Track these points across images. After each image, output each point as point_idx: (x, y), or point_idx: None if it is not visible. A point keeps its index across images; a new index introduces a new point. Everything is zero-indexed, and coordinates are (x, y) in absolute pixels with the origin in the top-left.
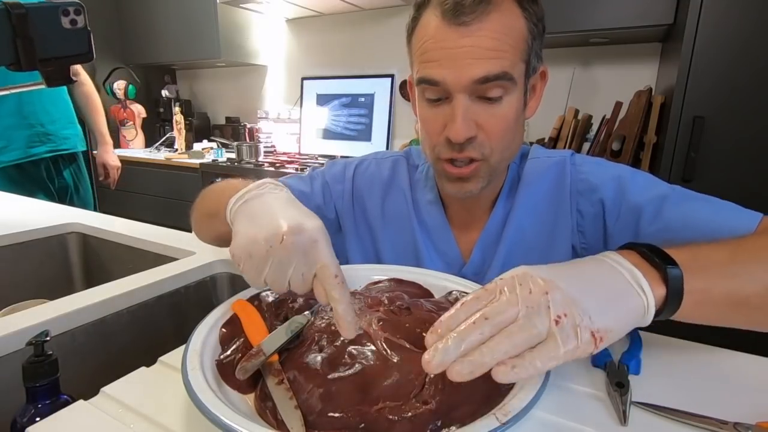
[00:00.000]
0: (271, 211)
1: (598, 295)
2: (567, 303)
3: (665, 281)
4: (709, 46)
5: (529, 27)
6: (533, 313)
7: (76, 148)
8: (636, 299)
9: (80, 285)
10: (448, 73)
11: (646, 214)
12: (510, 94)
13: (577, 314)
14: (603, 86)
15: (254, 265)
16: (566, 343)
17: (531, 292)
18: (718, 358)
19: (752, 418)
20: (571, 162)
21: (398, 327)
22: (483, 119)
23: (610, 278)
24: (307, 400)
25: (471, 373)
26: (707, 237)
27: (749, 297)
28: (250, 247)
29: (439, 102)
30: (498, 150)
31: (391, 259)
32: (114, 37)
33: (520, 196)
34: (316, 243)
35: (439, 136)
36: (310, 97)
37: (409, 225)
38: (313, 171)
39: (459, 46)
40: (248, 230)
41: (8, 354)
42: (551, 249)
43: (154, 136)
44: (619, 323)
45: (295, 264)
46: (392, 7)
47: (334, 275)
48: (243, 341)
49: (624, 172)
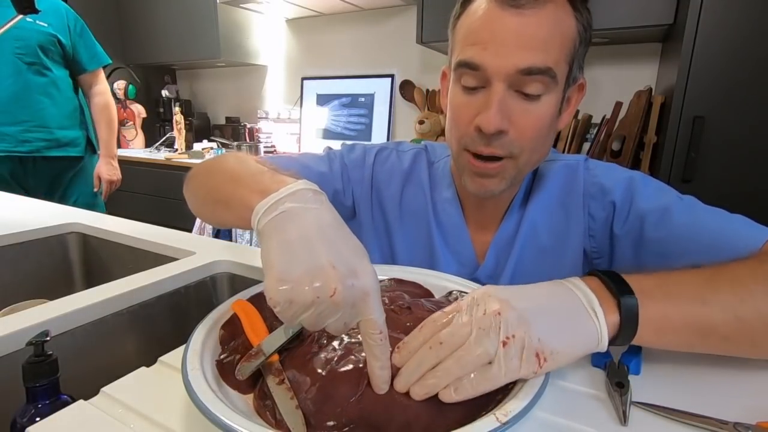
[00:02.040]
0: (317, 245)
1: (550, 316)
2: (518, 324)
3: (619, 309)
4: (709, 46)
5: (579, 29)
6: (483, 335)
7: (74, 152)
8: (589, 324)
9: (80, 285)
10: (491, 58)
11: (651, 220)
12: (549, 93)
13: (526, 336)
14: (603, 86)
15: (293, 311)
16: (509, 365)
17: (485, 313)
18: (718, 358)
19: (752, 418)
20: (584, 167)
21: (398, 325)
22: (517, 115)
23: (566, 301)
24: (307, 398)
25: (427, 394)
26: (712, 249)
27: (717, 327)
28: (291, 294)
29: (475, 90)
30: (527, 150)
31: (405, 255)
32: (114, 37)
33: (534, 199)
34: (367, 296)
35: (468, 126)
36: (310, 97)
37: (425, 222)
38: (330, 151)
39: (507, 30)
40: (288, 271)
41: (8, 354)
42: (563, 252)
43: (154, 136)
44: (569, 346)
45: (339, 315)
46: (392, 7)
47: (379, 332)
48: (243, 341)
49: (636, 177)
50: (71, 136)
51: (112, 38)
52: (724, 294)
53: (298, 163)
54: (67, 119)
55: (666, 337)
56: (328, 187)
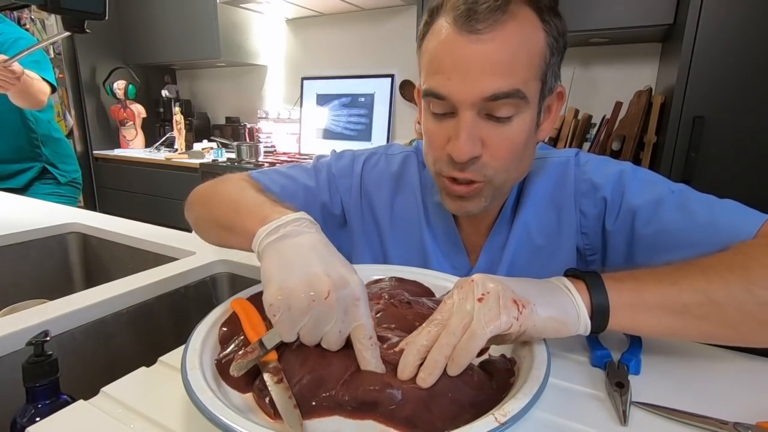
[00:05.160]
0: (311, 259)
1: (526, 284)
2: (491, 282)
3: (587, 287)
4: (709, 46)
5: (549, 41)
6: (462, 302)
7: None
8: (565, 298)
9: (80, 285)
10: (455, 88)
11: (642, 215)
12: (521, 113)
13: (500, 289)
14: (603, 86)
15: (291, 318)
16: (487, 315)
17: (462, 287)
18: (718, 358)
19: (752, 418)
20: (575, 163)
21: (399, 319)
22: (489, 138)
23: (540, 282)
24: (299, 384)
25: (431, 375)
26: (706, 239)
27: (689, 306)
28: (289, 300)
29: (444, 116)
30: (502, 172)
31: (398, 259)
32: (114, 37)
33: (526, 200)
34: (357, 301)
35: (441, 150)
36: (310, 97)
37: (417, 226)
38: (318, 161)
39: (468, 57)
40: (287, 279)
41: (8, 354)
42: (557, 251)
43: (154, 136)
44: (547, 305)
45: (334, 321)
46: (392, 7)
47: (368, 336)
48: (242, 340)
49: (626, 170)
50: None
51: (112, 38)
52: (694, 277)
53: (284, 176)
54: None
55: (641, 316)
56: (315, 200)
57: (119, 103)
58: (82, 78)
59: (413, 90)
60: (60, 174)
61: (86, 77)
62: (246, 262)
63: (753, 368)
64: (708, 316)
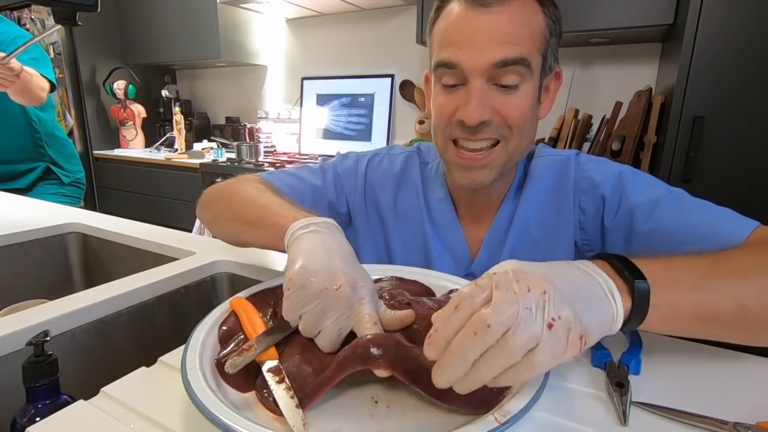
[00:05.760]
0: (334, 257)
1: (584, 298)
2: (562, 304)
3: (632, 294)
4: (709, 46)
5: (548, 23)
6: (529, 316)
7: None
8: (609, 308)
9: (80, 285)
10: (466, 56)
11: (641, 214)
12: (526, 82)
13: (572, 317)
14: (603, 86)
15: (301, 297)
16: (555, 350)
17: (529, 290)
18: (718, 358)
19: (752, 418)
20: (575, 161)
21: None
22: (498, 104)
23: (590, 284)
24: (295, 369)
25: (470, 389)
26: (700, 242)
27: (721, 313)
28: (306, 279)
29: (455, 87)
30: (516, 134)
31: (401, 254)
32: (114, 37)
33: (526, 194)
34: (363, 300)
35: (451, 118)
36: (310, 97)
37: (419, 221)
38: (325, 163)
39: (478, 29)
40: (311, 264)
41: (8, 354)
42: (555, 246)
43: (154, 136)
44: (598, 328)
45: (338, 316)
46: (392, 7)
47: (374, 322)
48: (242, 339)
49: (626, 171)
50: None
51: (112, 38)
52: (727, 280)
53: (293, 177)
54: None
55: (672, 323)
56: (323, 199)
57: (119, 103)
58: (82, 78)
59: (413, 90)
60: (64, 174)
61: (86, 77)
62: (246, 262)
63: (753, 368)
64: (735, 322)
